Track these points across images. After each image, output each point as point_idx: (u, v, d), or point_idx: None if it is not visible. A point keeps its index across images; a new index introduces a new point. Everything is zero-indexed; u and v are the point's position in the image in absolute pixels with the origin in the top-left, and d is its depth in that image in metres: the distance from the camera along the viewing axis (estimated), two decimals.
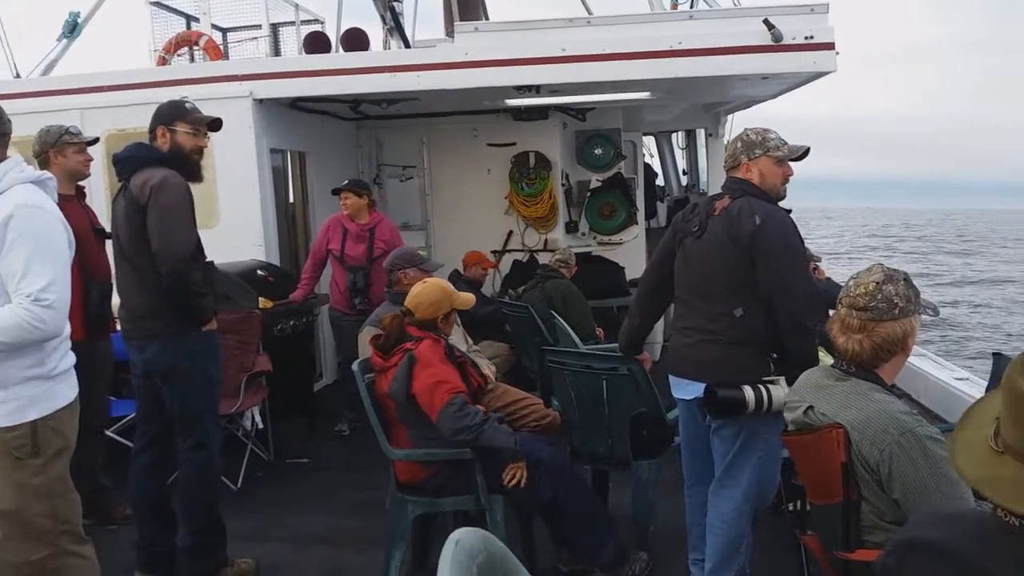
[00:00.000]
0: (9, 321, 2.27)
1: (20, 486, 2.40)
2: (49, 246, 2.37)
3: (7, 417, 2.38)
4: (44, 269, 2.32)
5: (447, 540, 1.22)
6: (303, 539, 3.98)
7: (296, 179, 7.28)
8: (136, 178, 3.28)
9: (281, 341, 5.31)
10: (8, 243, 2.30)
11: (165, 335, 3.29)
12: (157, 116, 3.45)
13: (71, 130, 3.93)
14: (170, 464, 3.60)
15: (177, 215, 3.26)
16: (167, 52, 7.54)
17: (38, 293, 2.29)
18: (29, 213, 2.35)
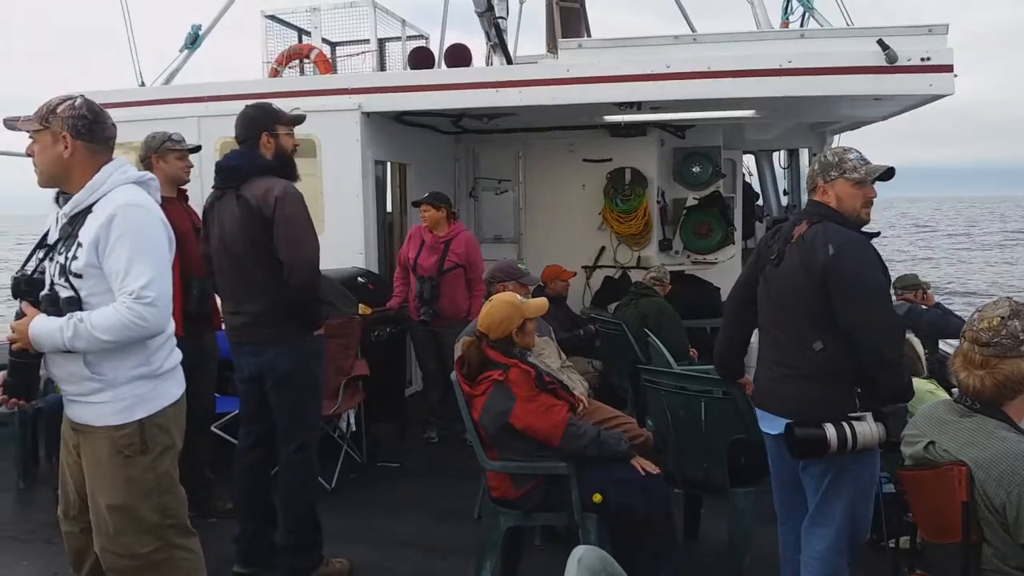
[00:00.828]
0: (113, 320, 2.33)
1: (130, 482, 2.48)
2: (149, 245, 2.42)
3: (116, 416, 2.45)
4: (145, 267, 2.37)
5: (569, 557, 1.22)
6: (394, 543, 4.05)
7: (396, 190, 7.47)
8: (251, 187, 3.38)
9: (377, 347, 5.44)
10: (111, 242, 2.36)
11: (283, 340, 3.40)
12: (256, 123, 3.51)
13: (173, 137, 4.12)
14: (272, 463, 3.73)
15: (304, 226, 3.38)
16: (279, 64, 7.85)
17: (140, 291, 2.34)
18: (131, 212, 2.41)
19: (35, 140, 2.46)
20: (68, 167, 2.45)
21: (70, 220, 2.45)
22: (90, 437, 2.50)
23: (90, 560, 2.68)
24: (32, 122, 2.45)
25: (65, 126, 2.43)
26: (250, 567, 3.56)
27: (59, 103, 2.47)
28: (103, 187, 2.45)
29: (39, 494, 4.94)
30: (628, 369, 5.28)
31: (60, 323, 2.34)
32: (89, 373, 2.42)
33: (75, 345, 2.34)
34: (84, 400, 2.47)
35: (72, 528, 2.69)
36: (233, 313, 3.50)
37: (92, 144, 2.47)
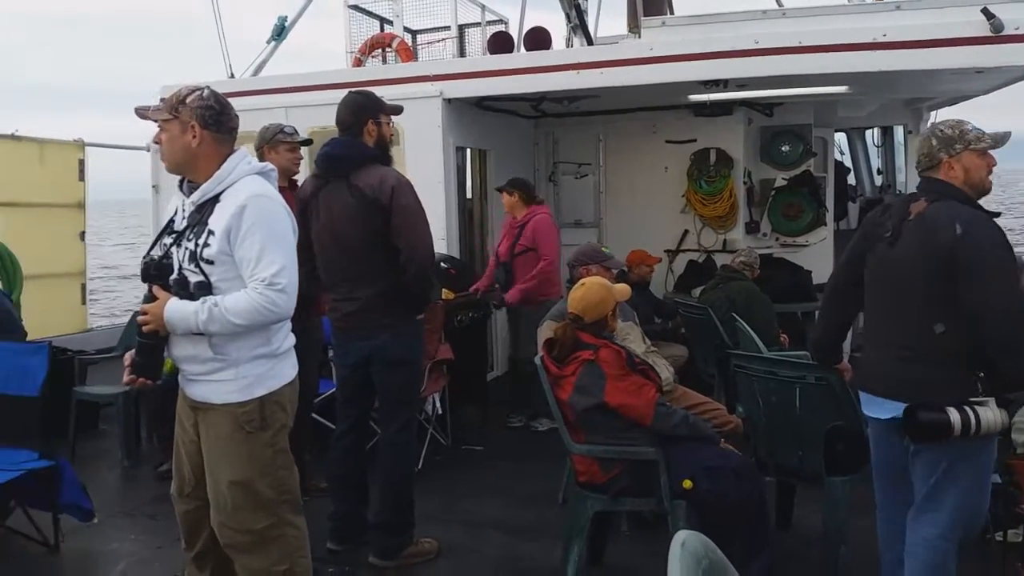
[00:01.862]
0: (246, 304, 2.43)
1: (250, 457, 2.58)
2: (278, 233, 2.52)
3: (238, 393, 2.55)
4: (275, 256, 2.46)
5: (672, 542, 1.20)
6: (479, 524, 4.08)
7: (476, 176, 7.50)
8: (362, 176, 3.44)
9: (459, 332, 5.49)
10: (243, 232, 2.46)
11: (394, 324, 3.49)
12: (363, 110, 3.57)
13: (285, 129, 4.21)
14: (366, 445, 3.83)
15: (420, 214, 3.47)
16: (362, 54, 7.98)
17: (271, 278, 2.43)
18: (261, 203, 2.51)
19: (164, 129, 2.56)
20: (195, 156, 2.55)
21: (198, 208, 2.55)
22: (211, 415, 2.60)
23: (203, 537, 2.79)
24: (162, 111, 2.55)
25: (194, 116, 2.52)
26: (343, 544, 3.66)
27: (188, 93, 2.56)
28: (230, 177, 2.54)
29: (142, 472, 5.19)
30: (714, 355, 5.18)
31: (195, 307, 2.43)
32: (212, 354, 2.52)
33: (209, 328, 2.43)
34: (206, 379, 2.57)
35: (187, 506, 2.79)
36: (344, 299, 3.56)
37: (218, 134, 2.56)
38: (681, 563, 1.13)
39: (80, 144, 7.09)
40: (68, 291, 7.06)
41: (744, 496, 3.04)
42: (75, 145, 7.06)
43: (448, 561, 3.66)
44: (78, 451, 5.29)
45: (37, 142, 6.77)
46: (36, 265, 6.48)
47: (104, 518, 4.14)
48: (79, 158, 7.08)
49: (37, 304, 6.17)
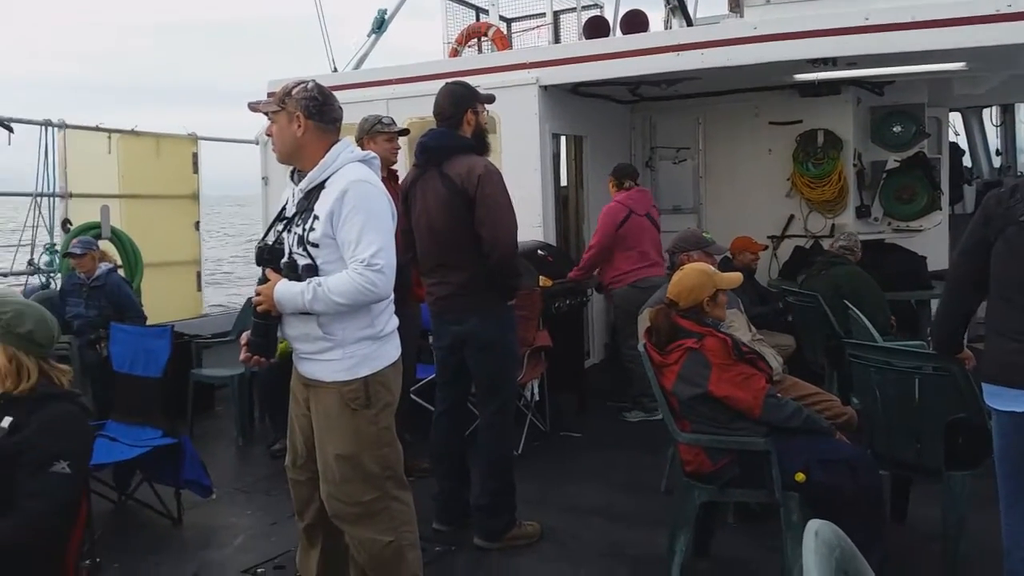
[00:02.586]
0: (346, 285, 2.52)
1: (356, 433, 2.68)
2: (378, 217, 2.61)
3: (345, 372, 2.66)
4: (374, 237, 2.55)
5: (806, 532, 1.17)
6: (579, 510, 4.08)
7: (571, 163, 7.47)
8: (453, 165, 3.52)
9: (557, 319, 5.49)
10: (344, 215, 2.56)
11: (483, 309, 3.54)
12: (463, 100, 3.64)
13: (383, 120, 4.31)
14: (466, 427, 3.90)
15: (504, 204, 3.51)
16: (459, 44, 8.07)
17: (370, 259, 2.52)
18: (361, 187, 2.60)
19: (273, 121, 2.69)
20: (301, 145, 2.66)
21: (305, 195, 2.67)
22: (320, 392, 2.71)
23: (313, 507, 2.91)
24: (271, 104, 2.68)
25: (299, 107, 2.63)
26: (448, 524, 3.74)
27: (294, 86, 2.67)
28: (334, 164, 2.64)
29: (255, 450, 5.43)
30: (823, 344, 5.01)
31: (301, 287, 2.55)
32: (321, 333, 2.62)
33: (314, 307, 2.54)
34: (316, 358, 2.68)
35: (299, 477, 2.92)
36: (438, 284, 3.65)
37: (322, 124, 2.66)
38: (816, 553, 1.10)
39: (193, 138, 7.46)
40: (184, 278, 7.45)
41: (860, 490, 2.93)
42: (189, 139, 7.43)
43: (551, 545, 3.67)
44: (195, 430, 5.57)
45: (154, 137, 7.16)
46: (154, 253, 6.87)
47: (221, 494, 4.36)
48: (193, 151, 7.44)
49: (155, 290, 6.54)
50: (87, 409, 2.42)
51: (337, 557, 2.99)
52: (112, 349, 4.55)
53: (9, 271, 6.30)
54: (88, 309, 5.46)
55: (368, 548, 2.74)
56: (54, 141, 6.44)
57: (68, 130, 6.52)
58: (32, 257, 6.37)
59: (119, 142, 6.83)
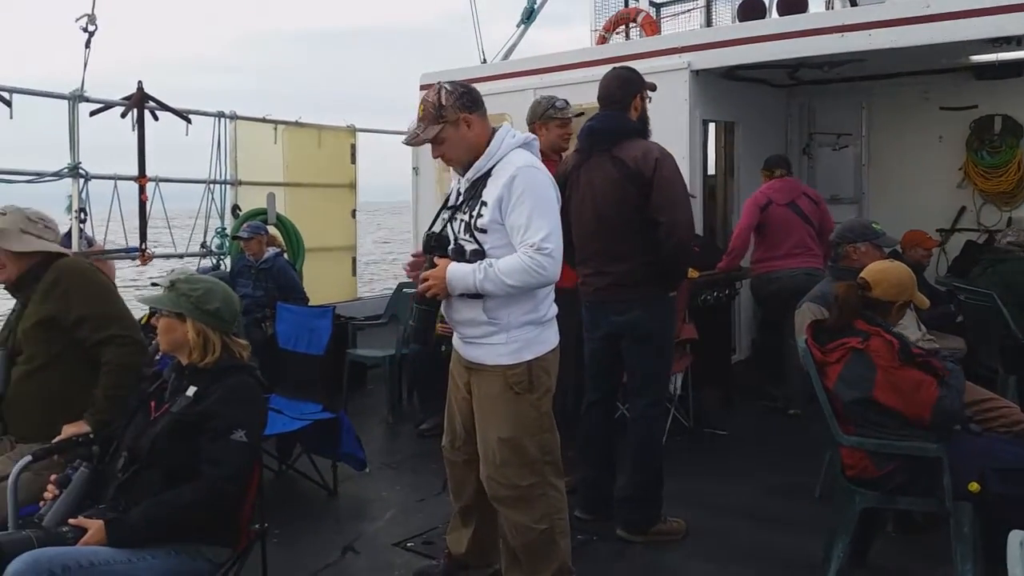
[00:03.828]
0: (517, 266, 2.57)
1: (518, 417, 2.73)
2: (546, 202, 2.65)
3: (509, 356, 2.72)
4: (543, 222, 2.59)
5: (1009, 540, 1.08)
6: (725, 510, 3.97)
7: (720, 150, 7.23)
8: (624, 149, 3.47)
9: (703, 311, 5.35)
10: (513, 200, 2.61)
11: (646, 299, 3.50)
12: (632, 85, 3.61)
13: (556, 104, 4.18)
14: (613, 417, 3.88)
15: (682, 187, 3.48)
16: (606, 31, 8.00)
17: (539, 243, 2.56)
18: (529, 173, 2.65)
19: (439, 140, 2.73)
20: (477, 140, 2.72)
21: (472, 184, 2.75)
22: (484, 375, 2.78)
23: (469, 489, 3.00)
24: (431, 128, 2.72)
25: (458, 109, 2.70)
26: (591, 514, 3.73)
27: (436, 97, 2.72)
28: (499, 152, 2.71)
29: (404, 429, 5.63)
30: (997, 345, 4.62)
31: (473, 267, 2.63)
32: (487, 318, 2.70)
33: (484, 287, 2.60)
34: (481, 342, 2.76)
35: (456, 458, 3.02)
36: (597, 273, 3.62)
37: (480, 111, 2.74)
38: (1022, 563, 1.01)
39: (352, 130, 7.80)
40: (341, 263, 7.82)
41: None
42: (348, 131, 7.77)
43: (698, 543, 3.60)
44: (349, 407, 5.84)
45: (316, 128, 7.54)
46: (314, 239, 7.25)
47: (372, 469, 4.54)
48: (351, 143, 7.79)
49: (315, 274, 6.90)
50: (263, 383, 2.58)
51: (488, 539, 3.07)
52: (278, 327, 4.86)
53: (185, 252, 6.83)
54: (256, 290, 5.84)
55: (523, 533, 2.79)
56: (226, 132, 6.91)
57: (239, 121, 6.99)
58: (205, 240, 6.88)
59: (284, 133, 7.24)
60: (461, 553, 3.14)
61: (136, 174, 6.22)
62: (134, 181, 6.21)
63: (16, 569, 2.08)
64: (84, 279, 2.90)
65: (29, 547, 2.15)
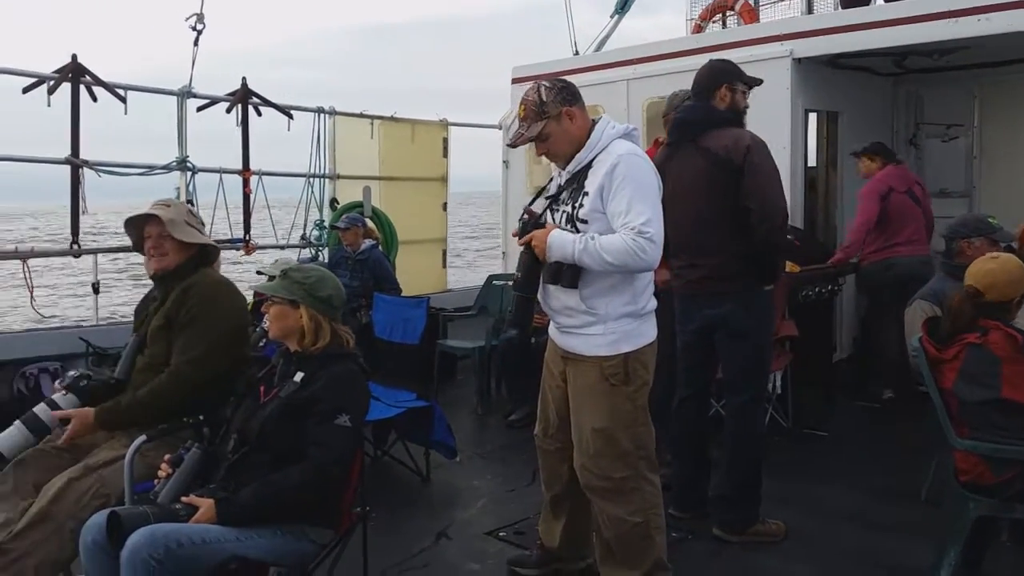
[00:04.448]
0: (618, 245, 2.55)
1: (613, 409, 2.72)
2: (647, 188, 2.63)
3: (606, 347, 2.70)
4: (643, 207, 2.57)
5: None
6: (827, 513, 3.83)
7: (822, 140, 6.98)
8: (713, 138, 3.41)
9: (804, 308, 5.18)
10: (614, 187, 2.61)
11: (740, 293, 3.42)
12: (719, 74, 3.55)
13: None
14: (707, 413, 3.81)
15: (774, 174, 3.39)
16: (702, 20, 7.84)
17: (640, 227, 2.54)
18: (631, 160, 2.64)
19: (542, 137, 2.74)
20: (580, 132, 2.74)
21: (572, 176, 2.75)
22: (580, 365, 2.78)
23: (561, 478, 2.99)
24: (534, 125, 2.74)
25: (560, 103, 2.71)
26: (685, 511, 3.66)
27: (536, 95, 2.73)
28: (600, 143, 2.71)
29: (493, 419, 5.67)
30: None
31: (575, 237, 2.64)
32: (585, 307, 2.69)
33: (582, 258, 2.60)
34: (578, 332, 2.75)
35: (548, 447, 3.02)
36: (689, 266, 3.56)
37: (579, 103, 2.76)
38: None
39: (444, 123, 7.88)
40: (432, 255, 7.93)
41: None
42: (440, 124, 7.87)
43: (797, 546, 3.48)
44: (439, 397, 5.92)
45: (410, 122, 7.65)
46: (407, 231, 7.38)
47: (463, 458, 4.60)
48: (443, 136, 7.88)
49: (407, 265, 7.02)
50: (366, 370, 2.64)
51: (581, 529, 3.06)
52: (375, 317, 4.97)
53: (286, 244, 7.06)
54: (352, 280, 5.98)
55: (616, 526, 2.77)
56: (324, 127, 7.10)
57: (337, 117, 7.16)
58: (304, 232, 7.10)
59: (380, 128, 7.39)
60: (554, 546, 3.14)
61: (240, 167, 6.47)
62: (238, 174, 6.47)
63: (135, 542, 2.19)
64: (212, 307, 2.88)
65: (146, 522, 2.26)
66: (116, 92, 5.66)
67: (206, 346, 2.83)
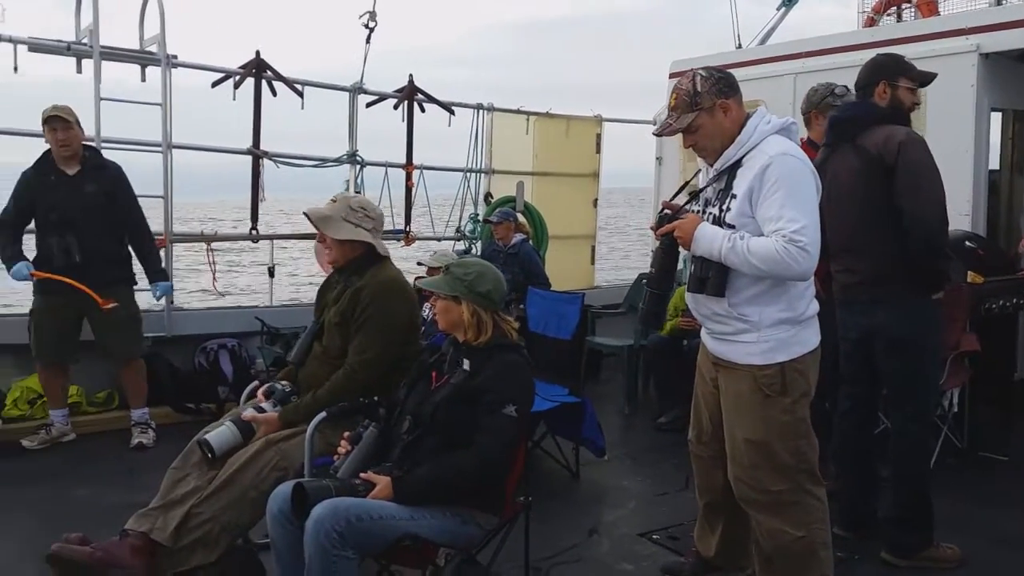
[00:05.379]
0: (767, 249, 2.40)
1: (767, 420, 2.60)
2: (802, 192, 2.46)
3: (760, 356, 2.58)
4: (797, 213, 2.41)
5: None
6: (1005, 540, 3.55)
7: (1007, 141, 6.44)
8: (869, 136, 3.25)
9: (987, 321, 4.81)
10: (765, 190, 2.45)
11: (895, 301, 3.23)
12: (878, 70, 3.36)
13: (836, 91, 3.91)
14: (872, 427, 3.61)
15: (929, 172, 3.17)
16: (876, 12, 7.41)
17: (792, 234, 2.38)
18: (785, 161, 2.48)
19: (692, 129, 2.61)
20: (733, 126, 2.60)
21: (719, 174, 2.63)
22: (732, 373, 2.67)
23: (715, 486, 2.91)
24: (685, 116, 2.61)
25: (715, 95, 2.58)
26: (850, 531, 3.48)
27: (691, 84, 2.60)
28: (751, 140, 2.56)
29: (640, 420, 5.63)
30: None
31: (724, 232, 2.51)
32: (735, 314, 2.59)
33: (728, 256, 2.48)
34: (729, 339, 2.65)
35: (702, 453, 2.95)
36: (844, 271, 3.40)
37: (736, 96, 2.62)
38: None
39: (599, 119, 7.87)
40: (581, 251, 7.95)
41: None
42: (594, 120, 7.86)
43: (974, 574, 3.25)
44: (586, 393, 5.93)
45: (565, 119, 7.70)
46: (557, 227, 7.43)
47: (612, 457, 4.58)
48: (597, 132, 7.87)
49: (556, 261, 7.06)
50: (531, 362, 2.68)
51: (738, 539, 2.97)
52: (529, 311, 5.03)
53: (442, 236, 7.28)
54: (504, 273, 6.07)
55: (776, 538, 2.66)
56: (483, 123, 7.26)
57: (495, 113, 7.30)
58: (459, 225, 7.29)
59: (535, 124, 7.47)
60: (710, 555, 3.07)
61: (404, 161, 6.73)
62: (402, 168, 6.73)
63: (319, 514, 2.33)
64: (384, 308, 2.97)
65: (329, 495, 2.40)
66: (295, 87, 6.02)
67: (380, 348, 2.97)
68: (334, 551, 2.29)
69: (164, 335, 5.50)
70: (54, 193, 4.60)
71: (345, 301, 3.04)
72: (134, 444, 4.77)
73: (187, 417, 5.30)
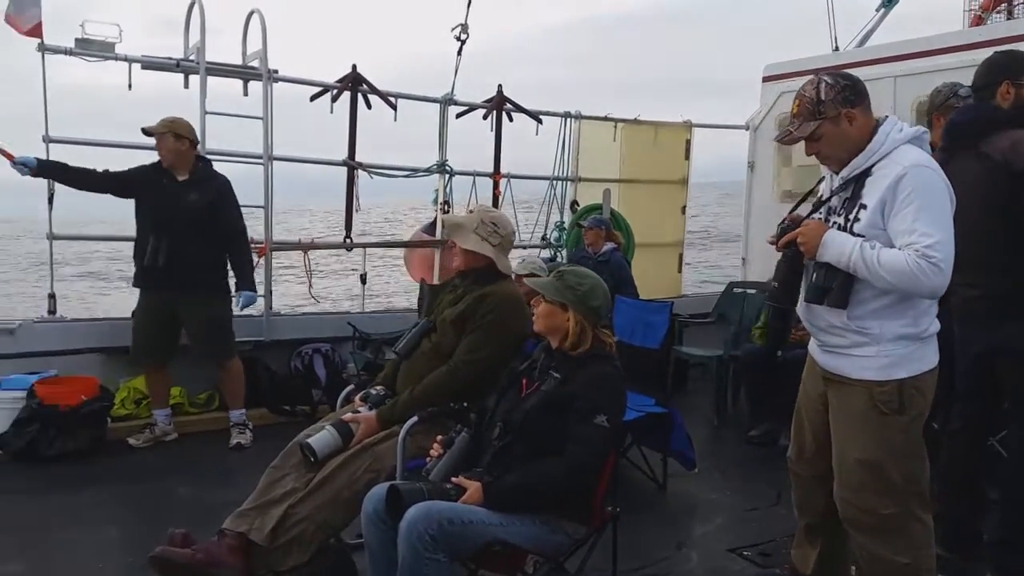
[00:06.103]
0: (898, 263, 2.32)
1: (881, 439, 2.50)
2: (937, 205, 2.37)
3: (878, 372, 2.48)
4: (930, 228, 2.32)
5: None
6: None
7: None
8: (991, 142, 3.09)
9: None
10: (898, 202, 2.37)
11: (1019, 315, 3.07)
12: (999, 69, 3.22)
13: (960, 92, 3.69)
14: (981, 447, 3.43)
15: None
16: (984, 10, 7.09)
17: (925, 249, 2.29)
18: (920, 173, 2.38)
19: (817, 138, 2.53)
20: (860, 135, 2.50)
21: (846, 182, 2.54)
22: (845, 389, 2.58)
23: (815, 506, 2.81)
24: (807, 124, 2.53)
25: (840, 104, 2.49)
26: (953, 552, 3.32)
27: (815, 91, 2.51)
28: (882, 148, 2.48)
29: (729, 433, 5.53)
30: None
31: (854, 240, 2.43)
32: (854, 327, 2.50)
33: (855, 265, 2.40)
34: (844, 352, 2.56)
35: (802, 471, 2.85)
36: (967, 284, 3.23)
37: (864, 103, 2.52)
38: None
39: (688, 125, 7.78)
40: (668, 259, 7.86)
41: None
42: (684, 126, 7.77)
43: None
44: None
45: (653, 125, 7.63)
46: (644, 234, 7.37)
47: (700, 469, 4.49)
48: (686, 138, 7.77)
49: (642, 269, 7.00)
50: (624, 374, 2.66)
51: (837, 561, 2.88)
52: (615, 319, 4.99)
53: (528, 243, 7.31)
54: None
55: (880, 564, 2.56)
56: (570, 131, 7.26)
57: (582, 120, 7.30)
58: (545, 233, 7.31)
59: (622, 131, 7.44)
60: (807, 573, 2.97)
61: (491, 170, 6.81)
62: (489, 177, 6.81)
63: (412, 516, 2.37)
64: (505, 317, 3.06)
65: (422, 498, 2.44)
66: (388, 100, 6.18)
67: (488, 352, 3.04)
68: (426, 553, 2.33)
69: (263, 339, 5.71)
70: (158, 195, 4.80)
71: (466, 303, 3.13)
72: (233, 444, 4.97)
73: (282, 419, 5.49)
